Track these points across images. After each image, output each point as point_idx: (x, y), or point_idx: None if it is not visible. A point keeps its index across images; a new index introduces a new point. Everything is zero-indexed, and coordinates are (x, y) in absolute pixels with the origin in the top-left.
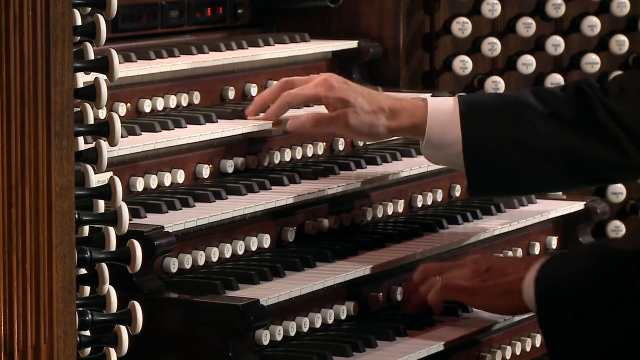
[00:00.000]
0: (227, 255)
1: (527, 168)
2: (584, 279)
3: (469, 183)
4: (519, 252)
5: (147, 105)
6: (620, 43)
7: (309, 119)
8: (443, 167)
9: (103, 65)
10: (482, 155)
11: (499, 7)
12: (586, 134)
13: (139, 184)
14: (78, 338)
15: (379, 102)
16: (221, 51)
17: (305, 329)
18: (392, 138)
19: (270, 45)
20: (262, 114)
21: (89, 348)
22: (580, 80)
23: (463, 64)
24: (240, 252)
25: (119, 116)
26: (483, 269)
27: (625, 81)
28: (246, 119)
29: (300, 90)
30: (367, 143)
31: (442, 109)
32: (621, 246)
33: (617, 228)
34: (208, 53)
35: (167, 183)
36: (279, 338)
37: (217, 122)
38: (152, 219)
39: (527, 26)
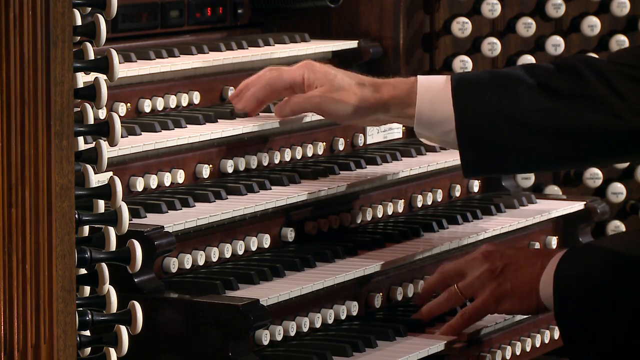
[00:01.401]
0: (227, 255)
1: (523, 145)
2: (601, 280)
3: (463, 162)
4: None
5: (147, 105)
6: (620, 43)
7: (289, 99)
8: (443, 167)
9: (103, 65)
10: (476, 132)
11: (499, 7)
12: (579, 106)
13: (139, 184)
14: (78, 338)
15: (360, 78)
16: (221, 51)
17: (305, 329)
18: (393, 137)
19: (270, 45)
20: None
21: (89, 348)
22: (575, 56)
23: (463, 64)
24: (240, 252)
25: (119, 116)
26: (499, 268)
27: (623, 52)
28: (246, 117)
29: (283, 71)
30: (367, 142)
31: (432, 86)
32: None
33: (617, 228)
34: (208, 53)
35: (167, 183)
36: (279, 338)
37: (217, 122)
38: (152, 219)
39: (527, 26)
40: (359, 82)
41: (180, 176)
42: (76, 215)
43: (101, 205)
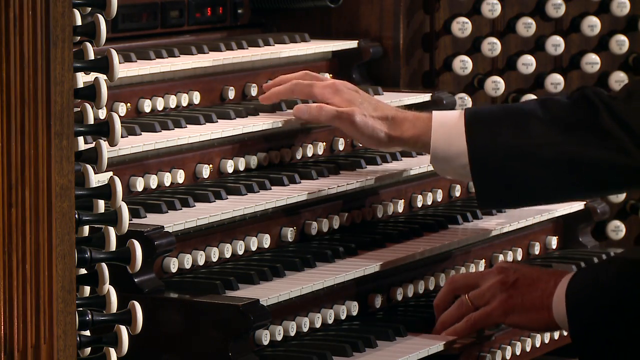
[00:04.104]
0: (227, 255)
1: (534, 179)
2: (616, 296)
3: (478, 195)
4: (519, 252)
5: (147, 105)
6: (620, 43)
7: (318, 108)
8: None
9: (103, 65)
10: (489, 167)
11: (499, 7)
12: (589, 139)
13: (139, 184)
14: (78, 338)
15: (384, 110)
16: (221, 51)
17: (305, 329)
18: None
19: (270, 45)
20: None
21: (89, 348)
22: (587, 88)
23: (463, 64)
24: (240, 252)
25: (119, 116)
26: (510, 281)
27: (632, 86)
28: (246, 117)
29: (309, 85)
30: None
31: (446, 122)
32: None
33: (617, 228)
34: (208, 53)
35: (167, 183)
36: (279, 338)
37: (217, 122)
38: (152, 219)
39: (527, 26)
40: (384, 115)
41: (180, 176)
42: (76, 215)
43: (101, 205)
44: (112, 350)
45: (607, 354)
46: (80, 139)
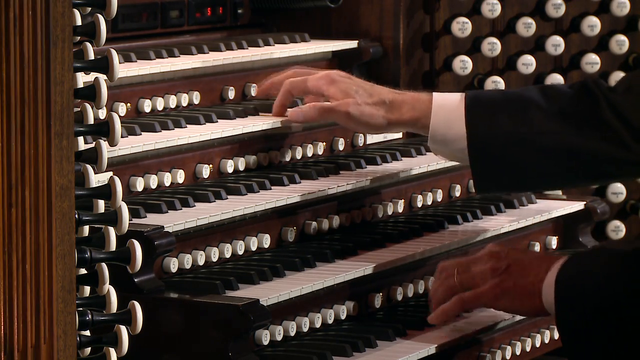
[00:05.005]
0: (227, 255)
1: (530, 166)
2: (604, 285)
3: (475, 180)
4: None
5: (147, 105)
6: (620, 43)
7: (311, 107)
8: (443, 167)
9: (103, 65)
10: (487, 152)
11: (499, 7)
12: (588, 130)
13: (139, 184)
14: (78, 338)
15: (381, 94)
16: (221, 51)
17: (305, 329)
18: (393, 137)
19: (270, 45)
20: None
21: (89, 348)
22: (588, 79)
23: (463, 64)
24: (240, 252)
25: (119, 116)
26: (502, 267)
27: (632, 79)
28: (246, 117)
29: (302, 80)
30: (367, 142)
31: (447, 104)
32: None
33: (617, 228)
34: (208, 53)
35: (167, 183)
36: (279, 338)
37: (217, 122)
38: (152, 219)
39: (527, 26)
40: (380, 100)
41: (180, 176)
42: (76, 215)
43: (101, 205)
44: (112, 350)
45: (593, 344)
46: (80, 139)
